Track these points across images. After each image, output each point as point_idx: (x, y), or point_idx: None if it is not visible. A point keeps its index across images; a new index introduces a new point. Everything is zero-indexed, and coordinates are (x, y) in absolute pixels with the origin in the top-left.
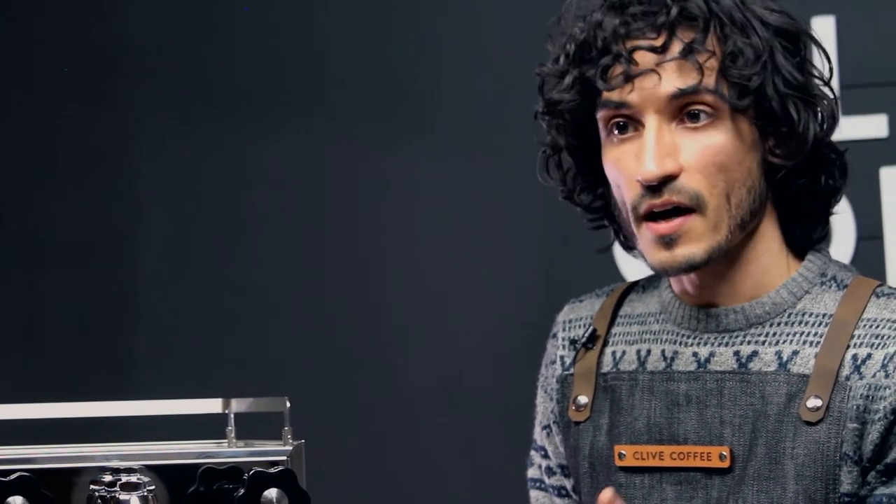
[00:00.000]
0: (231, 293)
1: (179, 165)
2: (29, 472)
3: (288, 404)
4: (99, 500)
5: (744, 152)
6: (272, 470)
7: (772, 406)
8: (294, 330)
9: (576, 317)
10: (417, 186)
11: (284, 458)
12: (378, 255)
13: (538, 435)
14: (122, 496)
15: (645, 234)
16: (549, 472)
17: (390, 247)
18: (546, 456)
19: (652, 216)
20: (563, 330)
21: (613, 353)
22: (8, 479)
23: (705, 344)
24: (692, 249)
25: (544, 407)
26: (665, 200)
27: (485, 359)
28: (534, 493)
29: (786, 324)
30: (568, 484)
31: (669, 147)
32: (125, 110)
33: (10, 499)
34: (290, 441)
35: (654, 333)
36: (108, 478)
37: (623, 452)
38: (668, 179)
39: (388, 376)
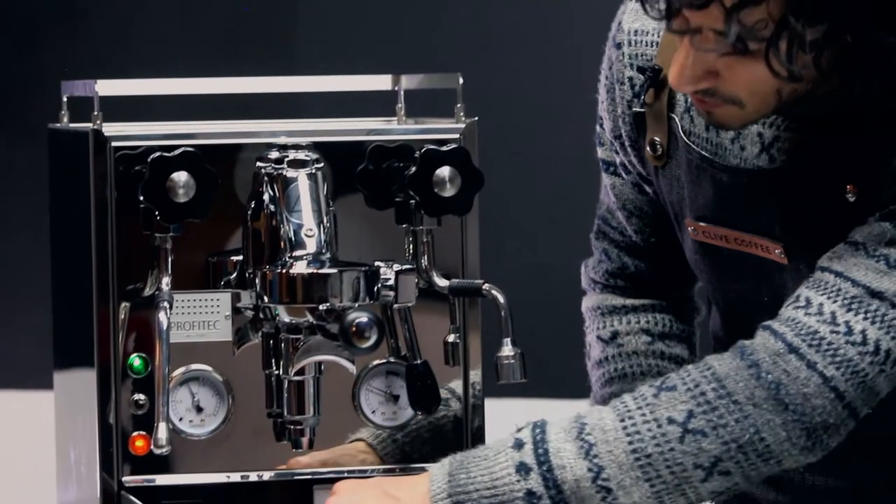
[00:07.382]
0: None
1: None
2: (194, 147)
3: (461, 80)
4: (265, 177)
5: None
6: (444, 148)
7: None
8: (466, 6)
9: (642, 28)
10: None
11: (457, 136)
12: None
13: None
14: (290, 173)
15: None
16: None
17: None
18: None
19: None
20: (630, 45)
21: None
22: (172, 154)
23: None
24: (728, 124)
25: (612, 115)
26: (698, 99)
27: None
28: (608, 179)
29: None
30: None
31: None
32: None
33: (175, 174)
34: (463, 119)
35: None
36: (274, 154)
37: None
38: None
39: (558, 54)
